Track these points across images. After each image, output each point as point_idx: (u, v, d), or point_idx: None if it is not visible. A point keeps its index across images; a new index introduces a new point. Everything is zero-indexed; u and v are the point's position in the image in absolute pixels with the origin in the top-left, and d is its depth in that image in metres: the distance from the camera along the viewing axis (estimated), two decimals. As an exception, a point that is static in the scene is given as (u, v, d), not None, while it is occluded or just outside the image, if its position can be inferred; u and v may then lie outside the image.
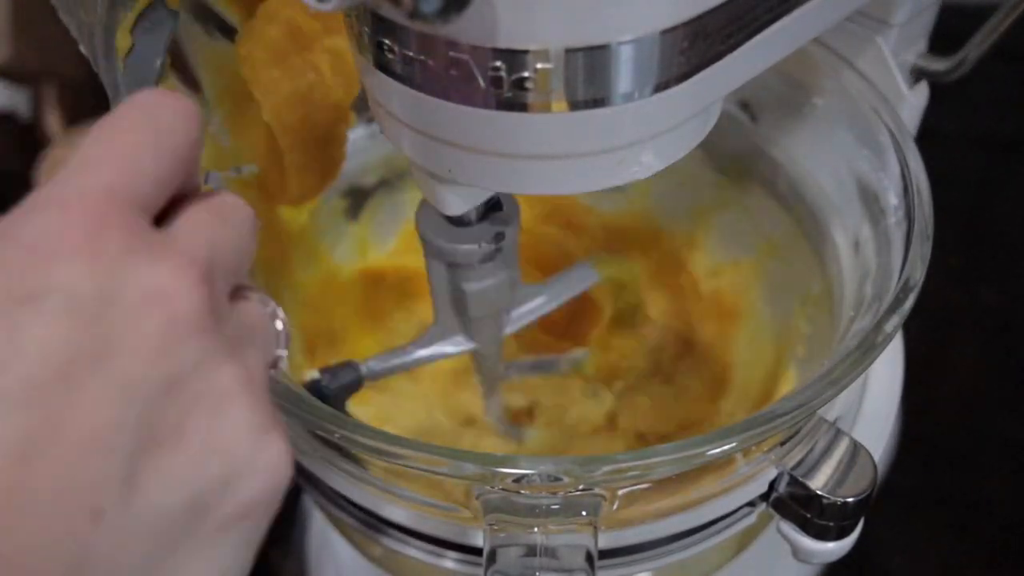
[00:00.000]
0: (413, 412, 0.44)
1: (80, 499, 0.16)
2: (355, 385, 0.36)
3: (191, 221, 0.20)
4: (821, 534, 0.32)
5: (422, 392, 0.45)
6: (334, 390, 0.36)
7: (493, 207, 0.32)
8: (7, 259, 0.17)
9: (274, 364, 0.22)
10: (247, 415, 0.19)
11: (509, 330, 0.37)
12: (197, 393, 0.18)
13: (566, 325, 0.46)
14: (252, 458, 0.19)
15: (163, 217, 0.20)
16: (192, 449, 0.18)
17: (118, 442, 0.17)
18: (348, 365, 0.36)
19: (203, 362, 0.18)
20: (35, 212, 0.17)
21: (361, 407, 0.42)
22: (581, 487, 0.27)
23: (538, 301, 0.37)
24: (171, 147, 0.19)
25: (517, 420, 0.44)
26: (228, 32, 0.34)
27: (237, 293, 0.21)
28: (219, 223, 0.20)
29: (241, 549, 0.20)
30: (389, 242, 0.48)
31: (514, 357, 0.45)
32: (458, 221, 0.32)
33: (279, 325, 0.22)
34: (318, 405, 0.28)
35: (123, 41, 0.29)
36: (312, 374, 0.36)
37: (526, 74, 0.21)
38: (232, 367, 0.19)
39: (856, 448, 0.31)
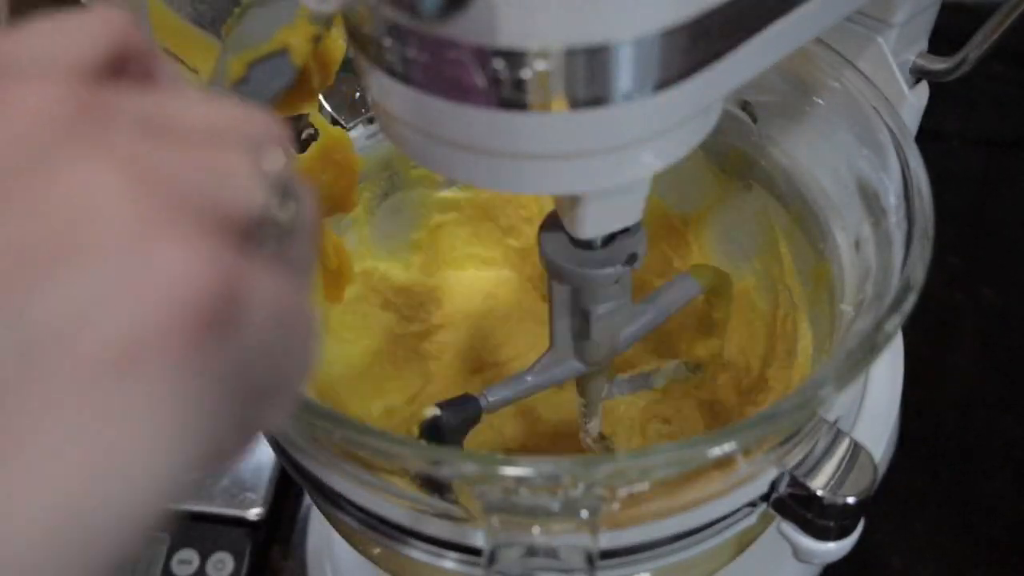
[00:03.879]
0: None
1: None
2: (475, 419, 0.36)
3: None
4: (822, 534, 0.32)
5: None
6: (456, 425, 0.35)
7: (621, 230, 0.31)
8: None
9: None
10: (120, 212, 0.14)
11: (620, 349, 0.36)
12: (30, 184, 0.14)
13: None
14: (129, 272, 0.14)
15: None
16: (28, 259, 0.13)
17: None
18: (467, 399, 0.36)
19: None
20: None
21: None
22: (581, 487, 0.27)
23: (646, 318, 0.36)
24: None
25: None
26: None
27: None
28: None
29: (162, 404, 0.14)
30: (390, 242, 0.48)
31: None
32: (586, 244, 0.31)
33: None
34: (317, 405, 0.28)
35: (236, 69, 0.28)
36: (432, 411, 0.35)
37: (526, 74, 0.21)
38: (101, 158, 0.14)
39: (856, 448, 0.31)
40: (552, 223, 0.32)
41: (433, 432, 0.35)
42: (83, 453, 0.13)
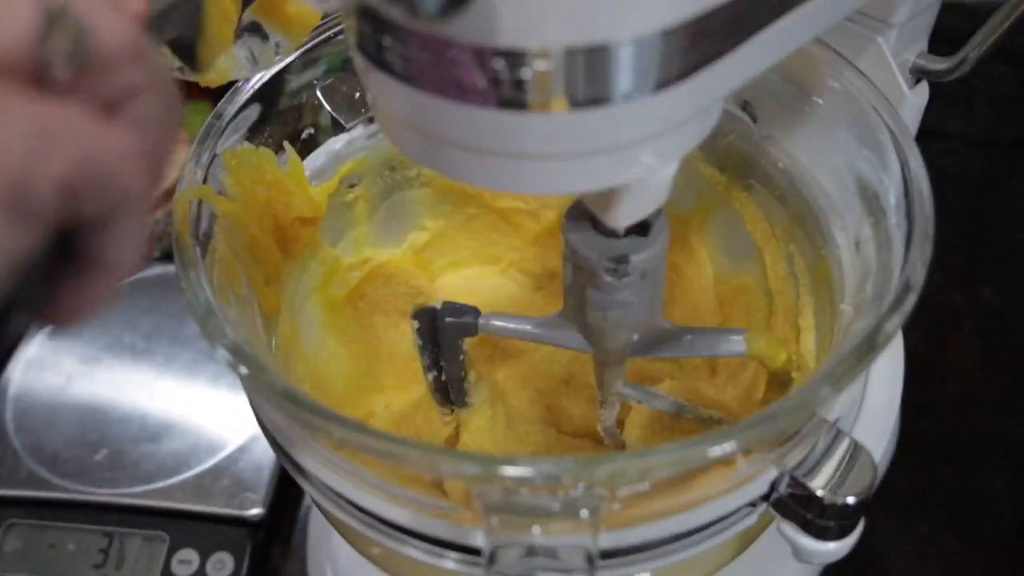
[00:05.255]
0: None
1: None
2: (471, 328, 0.37)
3: None
4: (822, 534, 0.32)
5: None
6: (448, 324, 0.37)
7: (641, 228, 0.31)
8: None
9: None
10: None
11: (628, 352, 0.36)
12: None
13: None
14: None
15: None
16: None
17: None
18: (468, 309, 0.37)
19: None
20: None
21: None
22: (581, 487, 0.27)
23: (673, 345, 0.36)
24: None
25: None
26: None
27: None
28: None
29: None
30: (390, 241, 0.48)
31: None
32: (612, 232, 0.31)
33: None
34: (318, 405, 0.28)
35: None
36: (435, 304, 0.37)
37: (526, 74, 0.21)
38: None
39: (856, 448, 0.31)
40: (580, 211, 0.31)
41: (425, 321, 0.37)
42: None
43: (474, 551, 0.31)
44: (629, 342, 0.35)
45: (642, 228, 0.31)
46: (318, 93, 0.40)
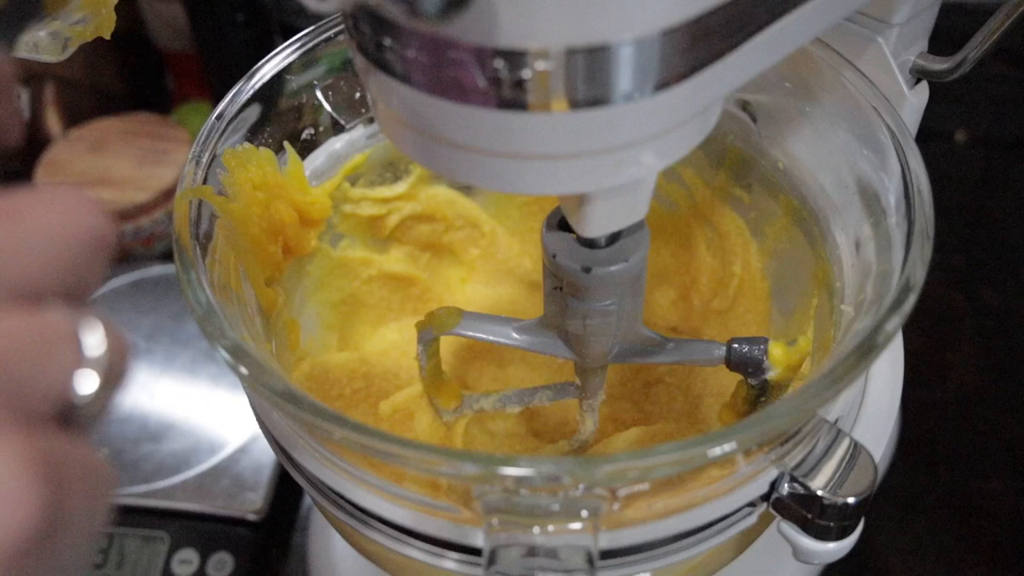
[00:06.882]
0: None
1: None
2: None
3: None
4: (822, 534, 0.32)
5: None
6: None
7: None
8: None
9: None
10: None
11: (610, 358, 0.37)
12: None
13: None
14: None
15: None
16: None
17: None
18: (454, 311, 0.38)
19: None
20: None
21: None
22: (581, 487, 0.27)
23: (654, 356, 0.37)
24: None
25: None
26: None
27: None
28: None
29: None
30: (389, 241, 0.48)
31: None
32: (591, 243, 0.31)
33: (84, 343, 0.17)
34: (318, 405, 0.28)
35: None
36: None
37: (526, 74, 0.21)
38: None
39: (856, 448, 0.31)
40: (556, 221, 0.32)
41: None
42: None
43: (474, 551, 0.31)
44: (609, 350, 0.36)
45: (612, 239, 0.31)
46: (318, 93, 0.40)
